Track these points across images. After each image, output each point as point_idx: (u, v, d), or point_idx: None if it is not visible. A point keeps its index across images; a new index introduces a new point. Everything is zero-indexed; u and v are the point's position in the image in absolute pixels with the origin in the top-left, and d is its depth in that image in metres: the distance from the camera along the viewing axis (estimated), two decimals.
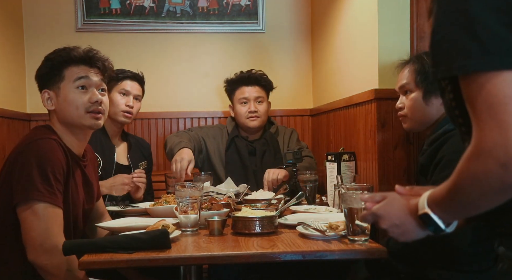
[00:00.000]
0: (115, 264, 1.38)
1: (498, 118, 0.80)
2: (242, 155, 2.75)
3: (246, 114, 2.76)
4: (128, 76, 2.50)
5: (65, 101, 1.72)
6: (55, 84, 1.73)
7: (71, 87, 1.73)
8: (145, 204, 2.18)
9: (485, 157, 0.82)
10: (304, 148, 2.84)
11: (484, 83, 0.81)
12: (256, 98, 2.79)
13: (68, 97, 1.72)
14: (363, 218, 1.22)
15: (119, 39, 3.24)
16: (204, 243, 1.50)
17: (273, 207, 1.84)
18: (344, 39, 2.72)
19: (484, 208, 0.88)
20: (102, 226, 1.79)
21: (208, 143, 2.79)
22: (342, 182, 1.95)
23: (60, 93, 1.73)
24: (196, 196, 1.65)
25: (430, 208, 0.99)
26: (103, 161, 2.36)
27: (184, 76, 3.31)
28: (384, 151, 2.20)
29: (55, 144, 1.64)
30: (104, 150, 2.39)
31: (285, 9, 3.38)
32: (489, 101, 0.81)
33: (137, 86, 2.52)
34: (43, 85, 1.77)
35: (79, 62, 1.75)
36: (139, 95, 2.54)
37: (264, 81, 2.84)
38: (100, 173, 2.33)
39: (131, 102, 2.46)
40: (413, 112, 1.81)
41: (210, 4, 3.29)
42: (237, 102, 2.81)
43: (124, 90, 2.47)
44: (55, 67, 1.73)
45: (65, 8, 3.17)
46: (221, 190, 2.26)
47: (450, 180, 0.92)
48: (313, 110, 3.33)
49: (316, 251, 1.39)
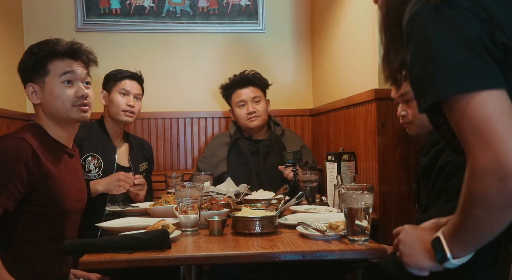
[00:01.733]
0: (115, 264, 1.38)
1: (484, 137, 0.84)
2: (245, 155, 2.76)
3: (245, 116, 2.78)
4: (127, 76, 2.50)
5: (51, 96, 1.72)
6: (40, 78, 1.73)
7: (57, 82, 1.73)
8: (145, 204, 2.18)
9: (481, 175, 0.85)
10: (313, 161, 2.86)
11: (463, 108, 0.87)
12: (252, 99, 2.80)
13: (54, 92, 1.72)
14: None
15: (119, 39, 3.24)
16: (204, 243, 1.50)
17: (273, 207, 1.84)
18: (344, 39, 2.72)
19: (495, 230, 0.89)
20: (102, 226, 1.79)
21: (214, 159, 2.80)
22: (342, 182, 1.94)
23: (45, 88, 1.73)
24: (196, 196, 1.65)
25: (443, 235, 1.00)
26: (104, 162, 2.36)
27: (184, 76, 3.31)
28: (384, 151, 2.20)
29: (20, 144, 1.60)
30: (105, 151, 2.39)
31: (285, 9, 3.38)
32: (472, 123, 0.86)
33: (136, 86, 2.53)
34: (27, 79, 1.76)
35: (63, 55, 1.75)
36: (139, 94, 2.54)
37: (258, 81, 2.85)
38: (101, 174, 2.33)
39: (131, 102, 2.46)
40: (420, 119, 1.78)
41: (210, 4, 3.29)
42: (235, 106, 2.83)
43: (124, 90, 2.47)
44: (39, 61, 1.73)
45: (65, 8, 3.17)
46: (221, 190, 2.26)
47: (458, 207, 0.94)
48: (313, 110, 3.33)
49: (316, 251, 1.39)
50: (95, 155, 2.34)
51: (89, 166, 2.33)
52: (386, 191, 2.19)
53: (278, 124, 2.95)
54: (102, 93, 2.50)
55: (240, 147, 2.78)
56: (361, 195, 1.44)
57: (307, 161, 2.78)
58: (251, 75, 2.84)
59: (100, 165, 2.33)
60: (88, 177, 2.30)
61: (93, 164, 2.33)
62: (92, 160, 2.34)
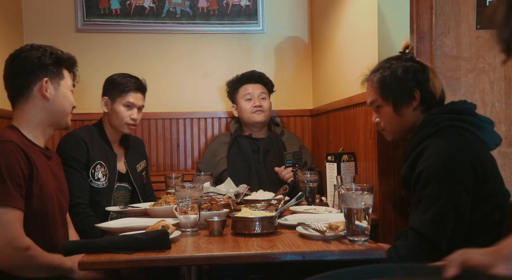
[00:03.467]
0: (115, 265, 1.38)
1: None
2: (245, 152, 2.79)
3: (251, 109, 2.85)
4: (134, 89, 2.44)
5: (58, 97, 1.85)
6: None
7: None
8: (145, 204, 2.17)
9: None
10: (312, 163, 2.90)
11: None
12: (260, 95, 2.88)
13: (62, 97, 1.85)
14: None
15: (119, 39, 3.23)
16: (204, 243, 1.50)
17: (273, 207, 1.84)
18: (344, 39, 2.72)
19: None
20: (102, 226, 1.79)
21: (215, 160, 2.83)
22: (342, 182, 1.95)
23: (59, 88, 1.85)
24: (196, 196, 1.65)
25: None
26: (109, 170, 2.33)
27: (184, 77, 3.31)
28: (384, 151, 2.20)
29: (11, 147, 1.64)
30: (108, 159, 2.36)
31: (285, 9, 3.38)
32: None
33: (141, 97, 2.47)
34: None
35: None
36: (142, 106, 2.49)
37: (266, 79, 2.96)
38: (107, 183, 2.31)
39: (135, 115, 2.42)
40: (391, 125, 1.79)
41: (210, 5, 3.29)
42: (241, 99, 2.89)
43: (128, 102, 2.41)
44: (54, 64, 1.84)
45: (65, 8, 3.17)
46: (221, 190, 2.26)
47: None
48: (313, 111, 3.33)
49: (316, 252, 1.39)
50: (102, 163, 2.30)
51: (98, 174, 2.28)
52: (386, 191, 2.19)
53: (278, 125, 3.01)
54: (103, 99, 2.43)
55: (241, 144, 2.82)
56: (361, 195, 1.44)
57: (306, 161, 2.79)
58: (261, 73, 2.96)
59: (106, 173, 2.31)
60: (96, 185, 2.26)
61: (101, 172, 2.29)
62: (101, 168, 2.29)
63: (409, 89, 1.73)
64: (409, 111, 1.74)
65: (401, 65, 1.76)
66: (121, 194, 2.42)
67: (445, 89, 1.83)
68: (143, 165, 2.56)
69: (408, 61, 1.78)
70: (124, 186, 2.43)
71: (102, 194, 2.27)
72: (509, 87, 2.32)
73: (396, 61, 1.79)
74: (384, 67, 1.79)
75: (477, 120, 1.68)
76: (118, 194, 2.40)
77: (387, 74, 1.76)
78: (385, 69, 1.78)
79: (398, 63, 1.77)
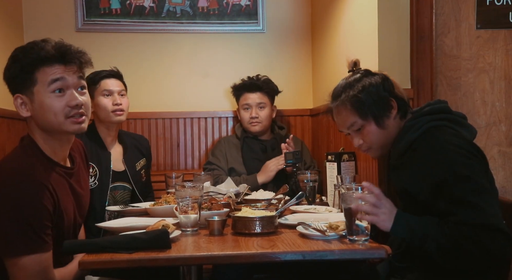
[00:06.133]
0: (115, 264, 1.38)
1: None
2: (256, 151, 2.90)
3: (248, 120, 2.91)
4: (105, 76, 2.42)
5: (41, 108, 1.52)
6: (28, 88, 1.52)
7: (46, 92, 1.51)
8: (145, 204, 2.18)
9: None
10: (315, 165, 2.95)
11: None
12: (258, 104, 2.92)
13: (44, 104, 1.51)
14: None
15: (119, 39, 3.23)
16: (204, 243, 1.50)
17: (273, 207, 1.84)
18: (344, 39, 2.72)
19: None
20: (102, 226, 1.79)
21: (223, 158, 2.88)
22: (342, 182, 1.94)
23: (35, 99, 1.52)
24: (196, 196, 1.65)
25: None
26: (99, 170, 2.32)
27: (184, 77, 3.31)
28: None
29: (37, 188, 1.45)
30: (100, 159, 2.34)
31: (285, 9, 3.38)
32: None
33: (117, 83, 2.45)
34: (14, 89, 1.55)
35: (51, 61, 1.52)
36: (123, 91, 2.46)
37: (266, 88, 2.96)
38: (97, 183, 2.30)
39: (118, 100, 2.39)
40: (378, 141, 1.73)
41: (210, 4, 3.29)
42: (241, 108, 2.96)
43: (106, 91, 2.40)
44: (25, 70, 1.51)
45: (65, 8, 3.17)
46: (221, 190, 2.26)
47: None
48: (313, 110, 3.33)
49: (316, 251, 1.39)
50: (91, 163, 2.23)
51: None
52: (386, 191, 2.19)
53: (283, 128, 3.07)
54: None
55: (250, 144, 2.91)
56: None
57: (305, 161, 2.82)
58: (261, 81, 2.97)
59: (95, 173, 2.30)
60: None
61: (90, 173, 2.28)
62: None
63: (385, 100, 1.69)
64: (390, 121, 1.71)
65: (366, 80, 1.72)
66: (120, 193, 2.41)
67: (444, 89, 1.82)
68: (143, 162, 2.55)
69: (367, 75, 1.75)
70: (122, 185, 2.42)
71: (93, 194, 2.21)
72: (509, 87, 2.32)
73: (356, 80, 1.74)
74: (349, 88, 1.73)
75: (455, 117, 1.67)
76: (116, 193, 2.40)
77: (358, 93, 1.70)
78: (351, 90, 1.72)
79: (361, 80, 1.73)
